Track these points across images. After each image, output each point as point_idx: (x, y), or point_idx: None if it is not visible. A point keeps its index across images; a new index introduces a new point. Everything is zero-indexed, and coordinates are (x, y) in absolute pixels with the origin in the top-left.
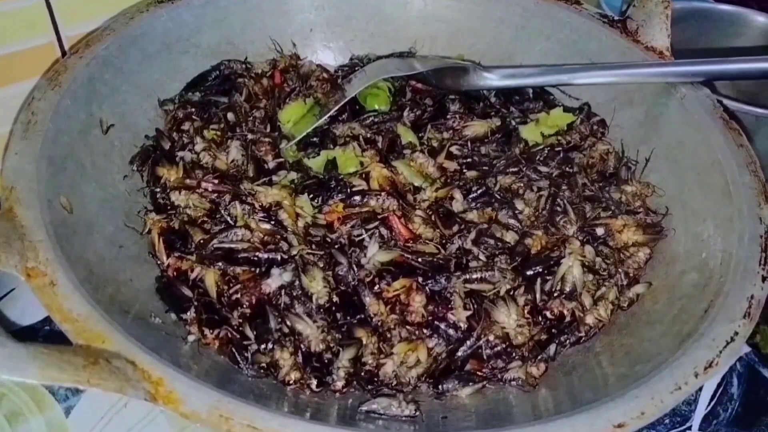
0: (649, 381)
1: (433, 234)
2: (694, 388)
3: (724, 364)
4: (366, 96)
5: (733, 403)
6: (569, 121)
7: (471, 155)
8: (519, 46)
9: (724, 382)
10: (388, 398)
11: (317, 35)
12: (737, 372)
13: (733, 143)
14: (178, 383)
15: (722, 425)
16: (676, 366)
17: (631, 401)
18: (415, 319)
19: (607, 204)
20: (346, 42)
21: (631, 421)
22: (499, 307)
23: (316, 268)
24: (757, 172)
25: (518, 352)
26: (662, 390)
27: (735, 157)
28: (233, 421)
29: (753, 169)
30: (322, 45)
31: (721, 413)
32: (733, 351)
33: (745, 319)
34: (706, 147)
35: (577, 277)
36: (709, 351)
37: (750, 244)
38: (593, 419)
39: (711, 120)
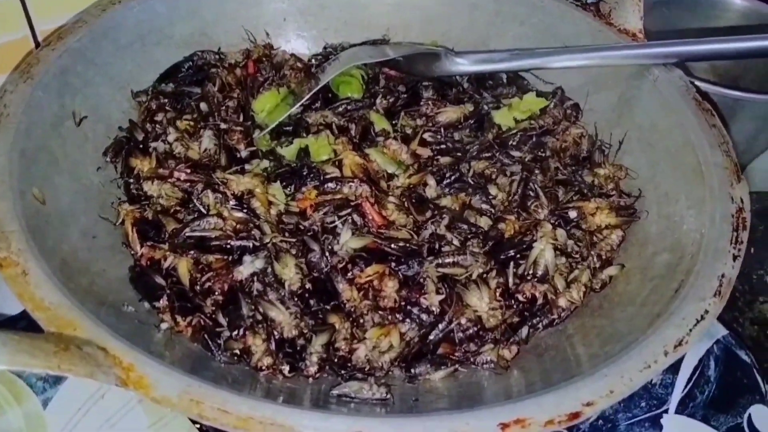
0: (618, 360)
1: (406, 220)
2: (664, 367)
3: (694, 342)
4: (339, 84)
5: (710, 386)
6: (542, 106)
7: (444, 141)
8: (493, 32)
9: (701, 365)
10: (359, 382)
11: (291, 24)
12: (714, 355)
13: (706, 124)
14: (149, 368)
15: (699, 407)
16: (646, 345)
17: (600, 380)
18: (388, 304)
19: (580, 187)
20: (319, 31)
21: (600, 399)
22: (471, 291)
23: (288, 255)
24: (729, 152)
25: (490, 335)
26: (631, 369)
27: (707, 137)
28: (204, 405)
29: (725, 149)
30: (295, 34)
31: (698, 395)
32: (703, 329)
33: (715, 297)
34: (679, 128)
35: (549, 260)
36: (679, 329)
37: (722, 223)
38: (561, 398)
39: (683, 101)
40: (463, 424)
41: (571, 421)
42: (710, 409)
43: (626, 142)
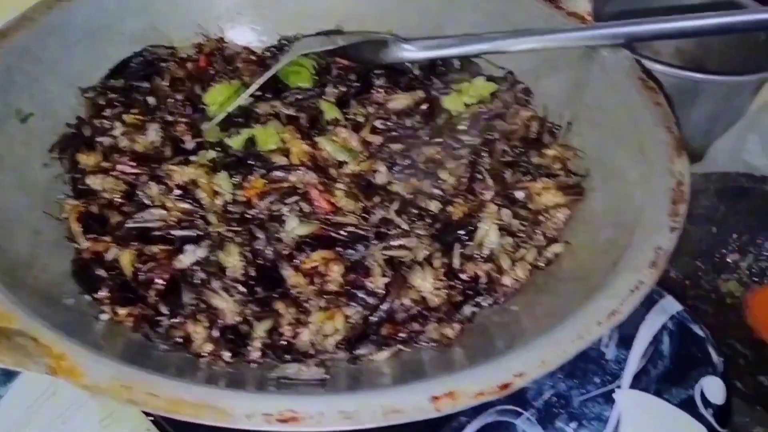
0: (552, 332)
1: (355, 206)
2: (596, 337)
3: (627, 313)
4: (288, 74)
5: (664, 360)
6: (491, 90)
7: (395, 128)
8: (447, 20)
9: (655, 341)
10: (297, 364)
11: (244, 18)
12: (669, 330)
13: (650, 102)
14: (80, 357)
15: (652, 381)
16: (580, 317)
17: (532, 351)
18: (332, 288)
19: (527, 168)
20: (274, 23)
21: (531, 370)
22: (416, 272)
23: (232, 243)
24: (671, 129)
25: (434, 314)
26: (564, 340)
27: (651, 115)
28: (134, 390)
29: (668, 125)
30: (250, 27)
31: (652, 370)
32: (637, 299)
33: (651, 269)
34: (625, 108)
35: (494, 240)
36: (613, 300)
37: (661, 197)
38: (494, 370)
39: (629, 81)
40: (394, 399)
41: (501, 392)
42: (663, 382)
43: (575, 122)
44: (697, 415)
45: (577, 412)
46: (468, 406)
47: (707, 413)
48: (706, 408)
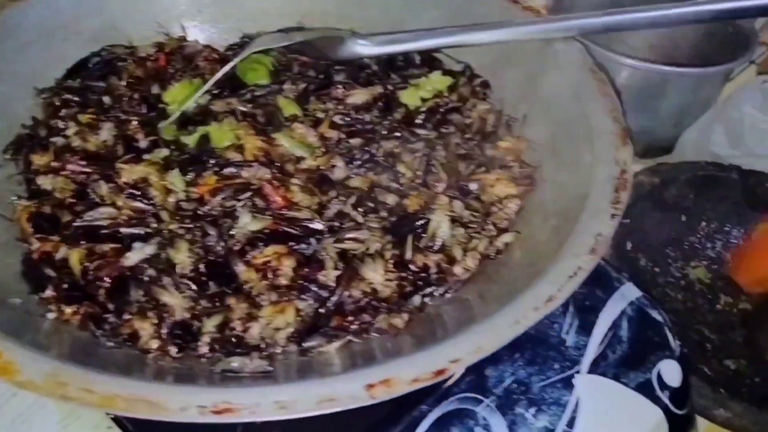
0: (491, 318)
1: (311, 201)
2: (533, 322)
3: (564, 298)
4: (246, 72)
5: (622, 345)
6: (447, 84)
7: (354, 123)
8: (409, 15)
9: (614, 327)
10: (241, 357)
11: (207, 16)
12: (628, 316)
13: (599, 93)
14: (15, 355)
15: (610, 366)
16: (518, 302)
17: (470, 338)
18: (284, 282)
19: (481, 161)
20: (236, 21)
21: (467, 356)
22: (367, 264)
23: (182, 240)
24: (618, 119)
25: (385, 305)
26: (501, 325)
27: (600, 105)
28: (69, 387)
29: (615, 115)
30: (212, 25)
31: (610, 355)
32: (575, 284)
33: (590, 254)
34: (576, 99)
35: (446, 231)
36: (551, 286)
37: (604, 185)
38: (431, 357)
39: (580, 73)
40: (329, 388)
41: (436, 378)
42: (621, 367)
43: (531, 114)
44: (653, 397)
45: (536, 397)
46: (403, 392)
47: (663, 396)
48: (662, 391)
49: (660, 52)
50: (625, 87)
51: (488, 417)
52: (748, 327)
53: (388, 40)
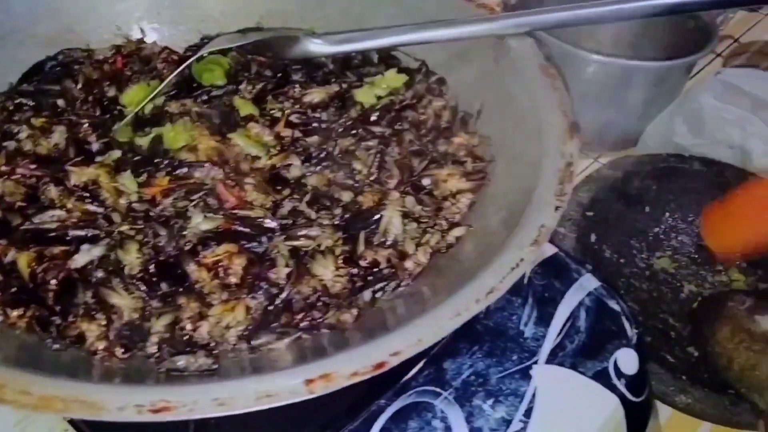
0: (433, 310)
1: (265, 199)
2: (474, 314)
3: (505, 289)
4: (202, 73)
5: (580, 335)
6: (402, 82)
7: (311, 122)
8: (368, 14)
9: (572, 317)
10: (186, 356)
11: (166, 17)
12: (586, 306)
13: (549, 87)
14: None
15: (568, 356)
16: (460, 294)
17: (410, 330)
18: (233, 281)
19: (434, 156)
20: (196, 22)
21: (408, 348)
22: (317, 261)
23: (131, 241)
24: (566, 113)
25: (335, 301)
26: (442, 317)
27: (549, 100)
28: (7, 389)
29: (564, 109)
30: (171, 27)
31: (568, 345)
32: (516, 275)
33: (532, 246)
34: (527, 94)
35: (397, 227)
36: (493, 278)
37: (550, 177)
38: (371, 350)
39: (531, 68)
40: (269, 384)
41: (376, 371)
42: (579, 356)
43: (485, 111)
44: (609, 385)
45: (494, 389)
46: (342, 386)
47: (620, 384)
48: (619, 379)
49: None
50: (591, 82)
51: (446, 409)
52: (694, 320)
53: (343, 39)
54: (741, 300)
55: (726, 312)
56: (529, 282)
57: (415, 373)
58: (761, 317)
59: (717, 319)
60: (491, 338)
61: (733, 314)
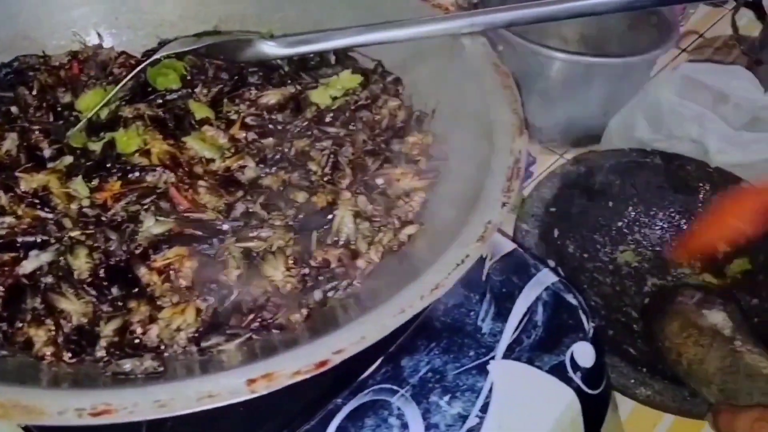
0: (377, 308)
1: (218, 201)
2: (418, 310)
3: (450, 285)
4: (156, 77)
5: (537, 330)
6: (356, 82)
7: (266, 124)
8: (325, 16)
9: (529, 312)
10: (132, 359)
11: (124, 22)
12: (543, 301)
13: (501, 86)
14: None
15: (525, 351)
16: (405, 292)
17: (354, 328)
18: (184, 284)
19: (388, 156)
20: (154, 26)
21: (351, 346)
22: (268, 262)
23: (81, 246)
24: (516, 110)
25: (285, 302)
26: (386, 315)
27: (501, 98)
28: None
29: (514, 107)
30: (130, 31)
31: (525, 340)
32: (461, 271)
33: (478, 242)
34: (480, 92)
35: (349, 226)
36: (438, 274)
37: (498, 175)
38: (315, 349)
39: (484, 67)
40: (210, 385)
41: (318, 369)
42: (535, 351)
43: (440, 110)
44: (565, 379)
45: (451, 385)
46: (285, 385)
47: (576, 377)
48: (575, 372)
49: (591, 43)
50: (555, 79)
51: (403, 407)
52: (644, 317)
53: (297, 41)
54: (690, 295)
55: (675, 307)
56: (488, 278)
57: (372, 371)
58: (708, 311)
59: (667, 314)
60: (449, 335)
61: (682, 309)
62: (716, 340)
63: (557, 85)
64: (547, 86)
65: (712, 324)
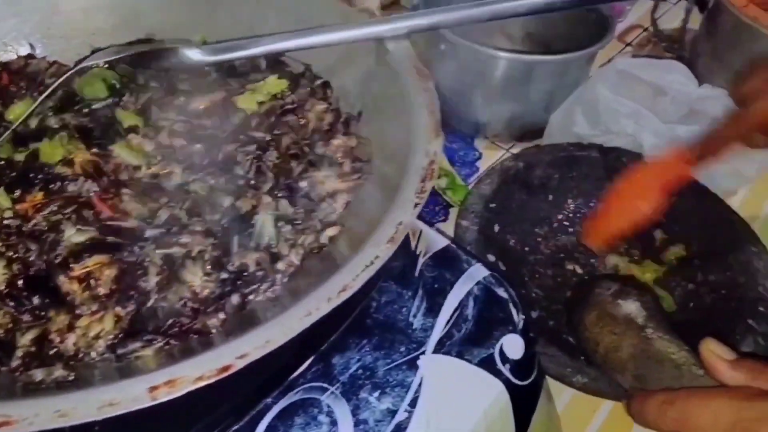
0: (285, 311)
1: (143, 208)
2: (325, 312)
3: (358, 286)
4: (83, 87)
5: (468, 324)
6: (282, 87)
7: (195, 130)
8: (256, 21)
9: (460, 306)
10: (43, 368)
11: (57, 32)
12: (474, 295)
13: (420, 88)
14: None
15: (455, 345)
16: (314, 294)
17: (259, 332)
18: (102, 291)
19: (312, 159)
20: (87, 36)
21: (255, 350)
22: (187, 267)
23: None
24: (434, 112)
25: (204, 306)
26: (292, 318)
27: (420, 100)
28: None
29: (432, 109)
30: (62, 41)
31: (456, 334)
32: (370, 272)
33: (388, 243)
34: (402, 94)
35: (270, 230)
36: (347, 276)
37: (413, 175)
38: (220, 354)
39: (406, 69)
40: (112, 393)
41: (221, 374)
42: (466, 344)
43: (365, 111)
44: (494, 371)
45: (381, 381)
46: (188, 390)
47: (505, 369)
48: (504, 364)
49: (537, 41)
50: (498, 77)
51: (332, 404)
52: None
53: (223, 48)
54: (606, 286)
55: (593, 298)
56: (420, 274)
57: (303, 370)
58: (624, 302)
59: (586, 305)
60: (380, 332)
61: (599, 300)
62: (629, 329)
63: (499, 83)
64: (489, 84)
65: (626, 314)
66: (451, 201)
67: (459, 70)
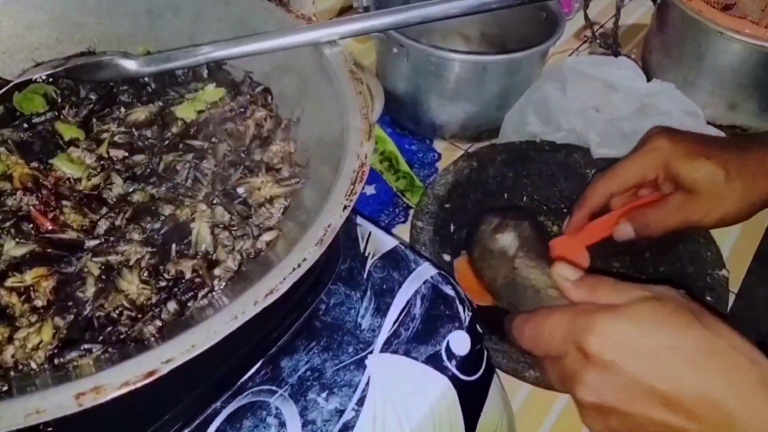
0: (212, 316)
1: (83, 220)
2: (250, 315)
3: (284, 289)
4: (22, 102)
5: (415, 322)
6: (219, 96)
7: (135, 141)
8: (197, 30)
9: (408, 305)
10: None
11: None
12: (421, 294)
13: (354, 92)
14: None
15: (402, 343)
16: (241, 298)
17: (185, 337)
18: (40, 303)
19: (250, 165)
20: (31, 50)
21: (180, 355)
22: (124, 276)
23: None
24: (367, 116)
25: (141, 314)
26: (218, 322)
27: (354, 104)
28: None
29: (365, 113)
30: (5, 56)
31: (403, 333)
32: (297, 275)
33: (317, 245)
34: (336, 99)
35: (206, 237)
36: (274, 279)
37: (344, 178)
38: (145, 360)
39: (340, 73)
40: (38, 402)
41: (147, 379)
42: (413, 343)
43: (303, 117)
44: (441, 367)
45: (329, 382)
46: (114, 396)
47: (451, 365)
48: (450, 360)
49: (492, 40)
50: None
51: (281, 406)
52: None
53: (161, 59)
54: (489, 221)
55: (477, 236)
56: (369, 276)
57: (252, 373)
58: (501, 235)
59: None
60: (329, 333)
61: (481, 237)
62: (503, 260)
63: (452, 84)
64: (443, 85)
65: (500, 246)
66: (410, 203)
67: (413, 72)
